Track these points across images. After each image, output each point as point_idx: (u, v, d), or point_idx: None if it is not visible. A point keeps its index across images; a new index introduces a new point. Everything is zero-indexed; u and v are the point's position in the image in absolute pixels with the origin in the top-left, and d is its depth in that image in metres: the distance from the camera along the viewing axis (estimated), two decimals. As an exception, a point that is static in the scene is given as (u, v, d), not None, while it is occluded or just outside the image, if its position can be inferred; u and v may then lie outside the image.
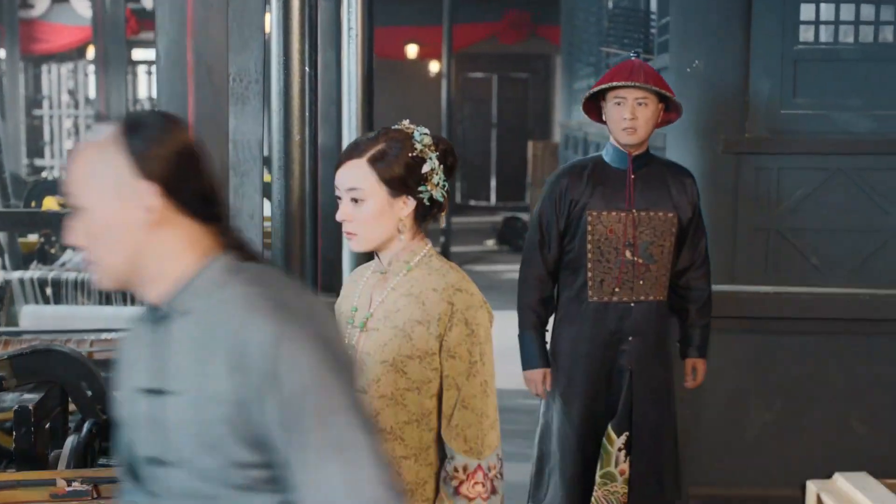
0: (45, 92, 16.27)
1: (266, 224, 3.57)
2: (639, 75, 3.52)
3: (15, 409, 3.08)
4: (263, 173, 3.35)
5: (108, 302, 5.81)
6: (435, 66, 17.44)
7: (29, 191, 8.62)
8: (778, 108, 4.66)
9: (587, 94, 3.67)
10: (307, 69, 3.04)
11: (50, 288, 5.84)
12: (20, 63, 12.24)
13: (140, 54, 17.27)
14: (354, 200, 2.24)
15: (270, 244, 3.25)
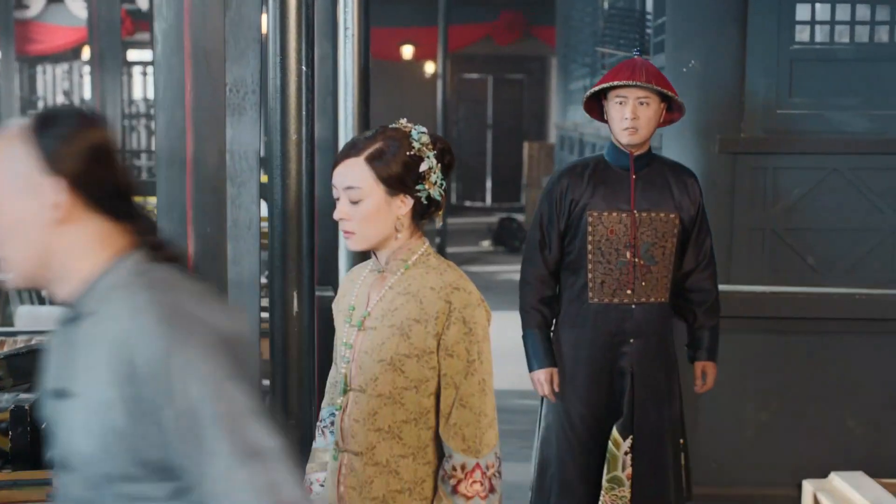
0: (41, 93, 16.25)
1: (263, 224, 3.57)
2: (641, 74, 3.48)
3: (11, 409, 3.07)
4: (260, 183, 3.34)
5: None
6: (430, 67, 17.44)
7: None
8: (774, 108, 4.66)
9: (588, 93, 3.63)
10: (304, 68, 3.03)
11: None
12: (15, 64, 12.23)
13: (135, 55, 17.26)
14: (352, 199, 2.24)
15: (268, 244, 3.25)
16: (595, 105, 3.67)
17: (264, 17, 3.24)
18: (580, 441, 3.62)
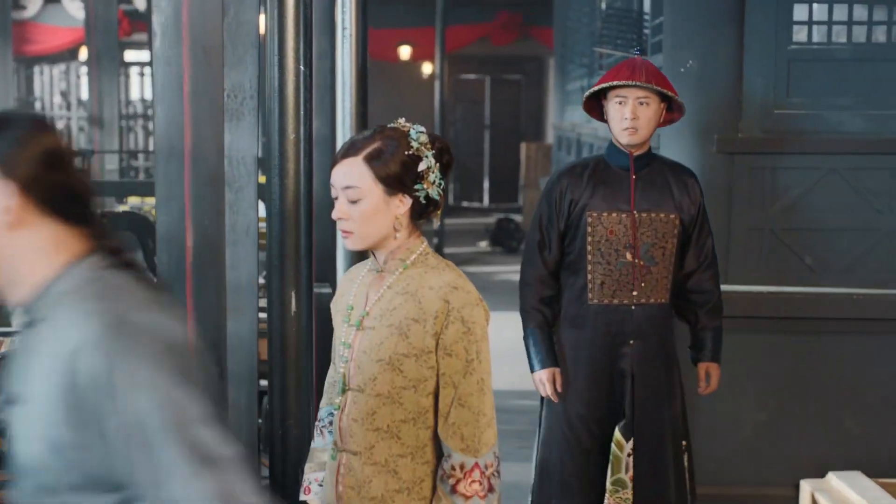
0: (38, 93, 16.24)
1: (261, 225, 3.56)
2: (640, 74, 3.46)
3: (8, 410, 3.06)
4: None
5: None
6: (428, 68, 17.44)
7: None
8: (771, 108, 4.66)
9: (588, 93, 3.61)
10: (302, 68, 3.03)
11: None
12: (12, 64, 12.23)
13: (132, 56, 17.25)
14: (351, 198, 2.24)
15: (266, 244, 3.24)
16: (595, 105, 3.65)
17: (262, 18, 3.23)
18: (580, 443, 3.60)
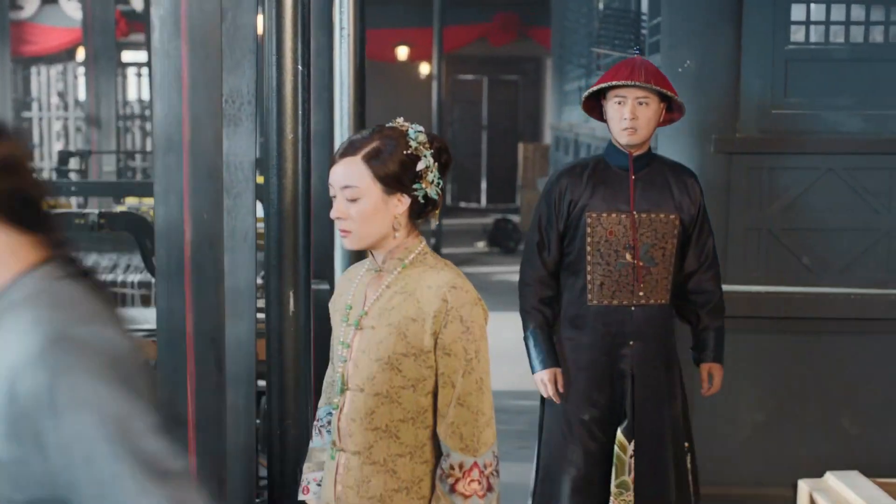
0: (35, 94, 16.20)
1: (259, 225, 3.56)
2: (640, 74, 3.43)
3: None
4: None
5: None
6: (425, 68, 17.44)
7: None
8: (769, 108, 4.67)
9: (587, 93, 3.58)
10: (300, 67, 3.03)
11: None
12: (9, 65, 12.20)
13: (130, 56, 17.23)
14: (349, 198, 2.24)
15: (264, 244, 3.24)
16: (594, 105, 3.62)
17: (260, 18, 3.23)
18: (581, 444, 3.57)
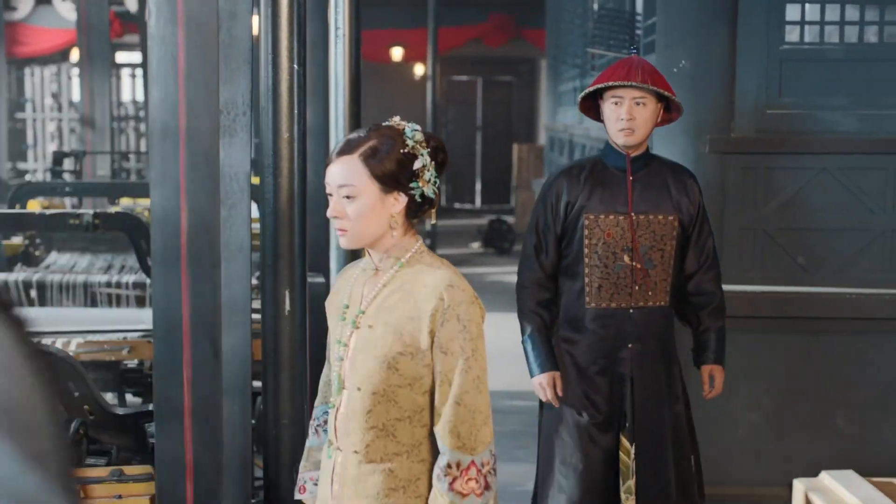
0: (29, 95, 16.17)
1: (255, 226, 3.55)
2: (637, 74, 3.40)
3: None
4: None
5: (94, 304, 5.79)
6: (420, 69, 17.44)
7: (13, 193, 8.57)
8: (764, 108, 4.67)
9: (584, 93, 3.55)
10: (296, 67, 3.03)
11: (35, 290, 5.81)
12: (3, 66, 12.19)
13: (124, 57, 17.21)
14: (346, 197, 2.23)
15: (259, 244, 3.23)
16: (591, 105, 3.59)
17: (255, 19, 3.22)
18: (581, 448, 3.53)
